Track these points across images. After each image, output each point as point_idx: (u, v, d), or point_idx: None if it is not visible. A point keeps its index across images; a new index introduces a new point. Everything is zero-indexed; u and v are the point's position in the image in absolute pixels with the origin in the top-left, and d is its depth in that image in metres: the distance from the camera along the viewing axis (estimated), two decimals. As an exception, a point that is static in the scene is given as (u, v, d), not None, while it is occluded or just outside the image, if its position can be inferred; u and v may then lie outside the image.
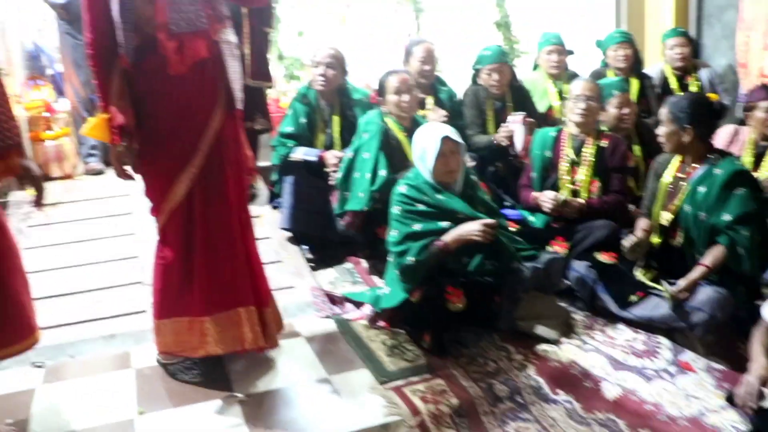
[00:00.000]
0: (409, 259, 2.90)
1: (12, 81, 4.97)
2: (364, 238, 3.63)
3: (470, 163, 3.63)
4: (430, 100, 4.06)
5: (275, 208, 4.05)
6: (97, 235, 3.94)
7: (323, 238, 3.76)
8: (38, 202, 2.40)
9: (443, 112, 3.97)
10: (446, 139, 2.95)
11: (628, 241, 3.10)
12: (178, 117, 2.50)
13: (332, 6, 7.30)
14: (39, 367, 2.89)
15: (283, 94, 5.46)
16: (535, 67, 4.73)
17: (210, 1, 2.46)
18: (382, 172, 3.36)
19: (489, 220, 2.91)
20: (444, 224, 2.93)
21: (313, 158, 3.72)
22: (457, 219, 2.95)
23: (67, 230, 4.02)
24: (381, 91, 3.54)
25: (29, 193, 4.46)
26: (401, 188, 3.04)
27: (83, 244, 3.85)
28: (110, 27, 2.41)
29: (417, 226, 2.94)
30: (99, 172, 4.93)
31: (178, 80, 2.45)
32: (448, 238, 2.89)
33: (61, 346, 3.03)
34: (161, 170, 2.55)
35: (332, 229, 3.68)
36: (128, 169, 2.57)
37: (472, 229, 2.87)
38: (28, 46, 6.42)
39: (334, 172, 3.63)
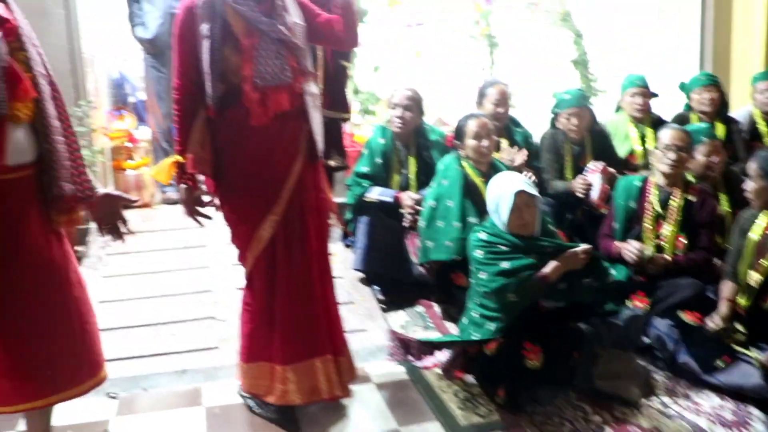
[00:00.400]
0: (510, 296, 2.85)
1: (99, 112, 5.13)
2: (437, 282, 3.58)
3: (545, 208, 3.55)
4: (504, 143, 4.00)
5: (348, 246, 4.04)
6: (172, 267, 4.02)
7: (396, 280, 3.73)
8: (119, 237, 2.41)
9: (515, 150, 3.90)
10: (521, 193, 2.90)
11: (713, 323, 2.98)
12: (260, 167, 2.53)
13: (407, 40, 7.36)
14: (113, 398, 2.95)
15: (357, 126, 5.48)
16: (618, 109, 4.61)
17: (295, 54, 2.48)
18: (472, 219, 3.31)
19: (586, 246, 2.92)
20: (532, 259, 2.90)
21: (389, 199, 3.70)
22: (543, 253, 2.92)
23: (143, 260, 4.10)
24: (459, 135, 3.50)
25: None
26: (480, 234, 3.01)
27: (159, 275, 3.92)
28: (198, 75, 2.46)
29: (505, 264, 2.89)
30: (175, 202, 5.03)
31: (261, 131, 2.48)
32: (548, 269, 2.87)
33: (134, 378, 3.09)
34: (244, 218, 2.59)
35: (405, 271, 3.64)
36: (200, 210, 2.62)
37: (573, 255, 2.88)
38: (114, 75, 6.67)
39: (410, 213, 3.60)
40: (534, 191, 2.95)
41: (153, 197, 5.06)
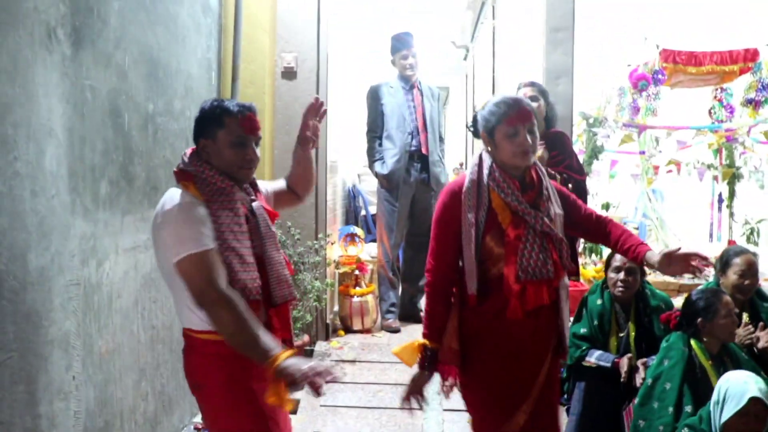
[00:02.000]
0: None
1: (333, 246, 5.47)
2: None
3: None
4: (745, 317, 3.62)
5: (562, 404, 3.85)
6: (386, 404, 4.07)
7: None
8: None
9: (757, 329, 3.50)
10: (756, 401, 2.63)
11: None
12: (510, 361, 2.40)
13: (640, 169, 7.13)
14: None
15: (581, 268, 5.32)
16: None
17: (558, 248, 2.38)
18: (687, 408, 3.04)
19: None
20: None
21: (607, 365, 3.49)
22: None
23: (359, 393, 4.22)
24: (693, 314, 3.22)
25: (332, 345, 4.84)
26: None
27: (372, 412, 4.00)
28: (455, 260, 2.42)
29: None
30: (396, 330, 5.20)
31: (514, 324, 2.36)
32: None
33: None
34: (490, 412, 2.46)
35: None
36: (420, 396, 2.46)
37: None
38: (348, 185, 7.22)
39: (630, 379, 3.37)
40: None
41: (374, 324, 5.25)
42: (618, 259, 3.61)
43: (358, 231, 5.88)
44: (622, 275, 3.58)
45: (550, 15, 4.70)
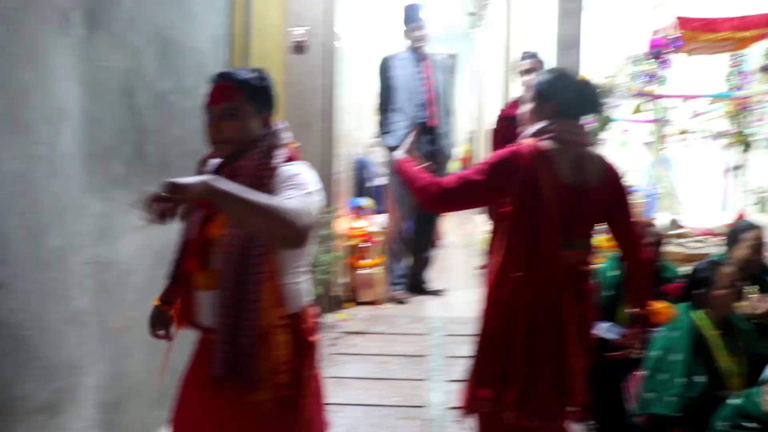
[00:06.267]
0: None
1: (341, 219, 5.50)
2: (653, 433, 3.35)
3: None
4: (754, 290, 3.67)
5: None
6: (393, 375, 4.16)
7: (609, 423, 3.55)
8: None
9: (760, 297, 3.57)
10: None
11: None
12: None
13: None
14: None
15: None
16: None
17: None
18: (699, 378, 3.10)
19: None
20: None
21: (615, 337, 3.55)
22: None
23: (365, 365, 4.30)
24: (699, 284, 3.27)
25: (339, 317, 4.91)
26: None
27: (378, 383, 4.08)
28: None
29: None
30: (402, 302, 5.27)
31: None
32: None
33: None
34: None
35: (620, 415, 3.46)
36: None
37: None
38: (357, 156, 7.23)
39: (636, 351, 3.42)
40: None
41: (382, 295, 5.32)
42: None
43: (367, 202, 5.92)
44: None
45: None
